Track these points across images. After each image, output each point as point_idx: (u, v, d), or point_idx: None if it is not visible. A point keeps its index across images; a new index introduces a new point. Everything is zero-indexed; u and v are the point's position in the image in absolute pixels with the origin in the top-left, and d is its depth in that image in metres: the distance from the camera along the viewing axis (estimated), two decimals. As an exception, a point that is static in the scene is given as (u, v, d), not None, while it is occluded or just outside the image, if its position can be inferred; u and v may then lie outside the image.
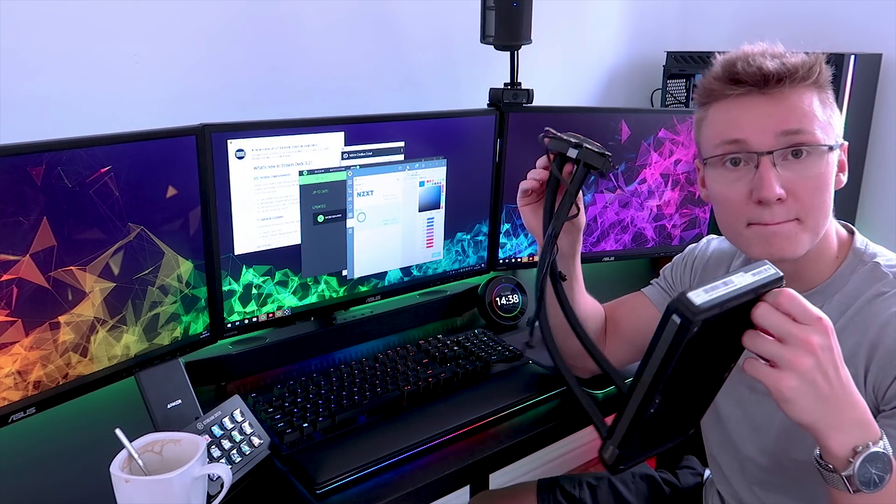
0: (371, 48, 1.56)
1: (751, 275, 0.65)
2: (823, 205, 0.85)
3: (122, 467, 0.78)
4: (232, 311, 1.18)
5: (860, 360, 0.84)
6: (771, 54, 0.85)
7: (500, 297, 1.45)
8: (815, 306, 0.67)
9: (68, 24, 1.19)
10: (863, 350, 0.84)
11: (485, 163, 1.43)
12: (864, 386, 0.84)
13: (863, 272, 0.88)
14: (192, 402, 1.04)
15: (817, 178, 0.84)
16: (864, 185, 1.89)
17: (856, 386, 0.83)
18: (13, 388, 0.89)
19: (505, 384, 1.16)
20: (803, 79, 0.83)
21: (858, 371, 0.84)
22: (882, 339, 0.82)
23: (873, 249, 0.90)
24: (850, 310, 0.86)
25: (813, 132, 0.83)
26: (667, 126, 1.53)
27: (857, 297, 0.86)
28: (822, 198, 0.85)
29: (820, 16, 1.85)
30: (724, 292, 0.63)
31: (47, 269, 0.89)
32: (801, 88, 0.84)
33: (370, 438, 1.00)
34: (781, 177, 0.83)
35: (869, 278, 0.87)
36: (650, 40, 2.10)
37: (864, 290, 0.87)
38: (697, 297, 0.62)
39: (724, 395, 1.02)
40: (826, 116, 0.85)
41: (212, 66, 1.35)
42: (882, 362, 0.82)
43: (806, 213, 0.84)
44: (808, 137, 0.83)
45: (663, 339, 0.64)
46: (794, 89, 0.83)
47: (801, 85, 0.84)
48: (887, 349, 0.82)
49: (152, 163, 0.99)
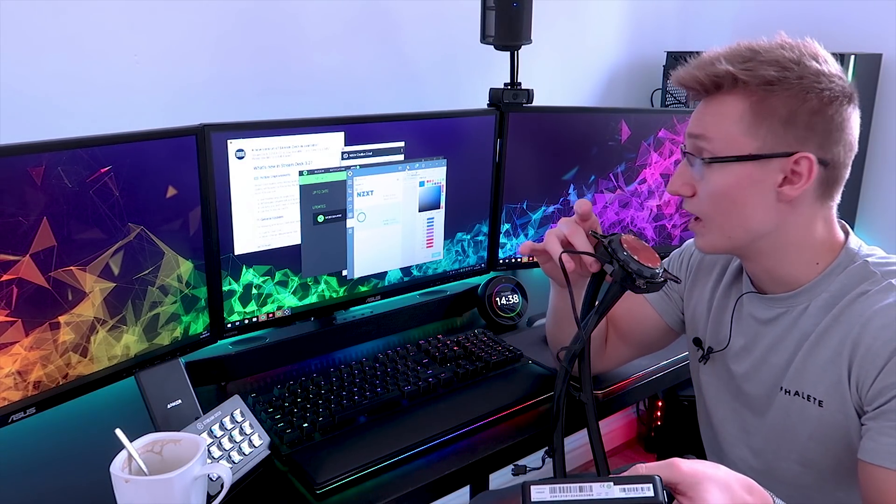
0: (371, 48, 1.56)
1: (620, 489, 0.61)
2: (728, 213, 0.87)
3: (122, 467, 0.78)
4: (232, 311, 1.18)
5: (843, 359, 0.83)
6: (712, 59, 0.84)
7: (499, 297, 1.45)
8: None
9: (68, 24, 1.19)
10: (846, 349, 0.83)
11: (485, 163, 1.44)
12: (848, 385, 0.83)
13: (851, 271, 0.87)
14: (192, 402, 1.04)
15: (713, 185, 0.86)
16: (864, 185, 1.89)
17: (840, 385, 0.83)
18: (13, 388, 0.89)
19: (505, 384, 1.16)
20: (732, 86, 0.83)
21: (842, 370, 0.83)
22: (863, 337, 0.82)
23: (867, 251, 0.89)
24: (835, 308, 0.86)
25: (715, 141, 0.85)
26: (667, 126, 1.53)
27: (843, 296, 0.86)
28: (722, 206, 0.87)
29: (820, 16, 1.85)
30: (572, 498, 0.60)
31: (47, 269, 0.89)
32: (733, 96, 0.83)
33: (370, 438, 1.00)
34: (692, 177, 0.89)
35: (856, 277, 0.86)
36: (650, 40, 2.10)
37: (850, 288, 0.86)
38: (539, 493, 0.60)
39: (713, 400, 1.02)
40: (744, 128, 0.83)
41: (212, 66, 1.35)
42: (864, 360, 0.81)
43: (705, 215, 0.89)
44: (706, 145, 0.86)
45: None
46: (727, 96, 0.84)
47: (735, 92, 0.83)
48: (869, 347, 0.81)
49: (152, 163, 0.99)
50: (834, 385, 0.84)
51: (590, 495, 0.60)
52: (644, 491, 0.60)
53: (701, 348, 1.03)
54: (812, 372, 0.87)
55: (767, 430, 0.94)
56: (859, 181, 1.88)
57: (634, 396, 1.26)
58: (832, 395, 0.85)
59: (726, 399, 1.00)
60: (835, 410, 0.85)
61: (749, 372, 0.96)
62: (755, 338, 0.95)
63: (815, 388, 0.87)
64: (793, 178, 0.83)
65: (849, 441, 0.85)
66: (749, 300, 0.96)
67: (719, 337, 1.00)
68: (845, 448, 0.85)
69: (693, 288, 1.06)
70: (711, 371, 1.02)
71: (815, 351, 0.87)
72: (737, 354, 0.98)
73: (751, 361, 0.95)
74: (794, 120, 0.81)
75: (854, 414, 0.84)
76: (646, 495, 0.60)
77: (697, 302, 1.05)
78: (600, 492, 0.60)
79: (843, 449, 0.86)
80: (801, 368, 0.88)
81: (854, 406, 0.83)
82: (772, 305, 0.92)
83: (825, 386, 0.86)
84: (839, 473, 0.88)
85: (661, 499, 0.60)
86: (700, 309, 1.04)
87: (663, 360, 1.26)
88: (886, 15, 1.77)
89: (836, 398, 0.84)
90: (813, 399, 0.87)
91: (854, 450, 0.83)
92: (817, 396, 0.86)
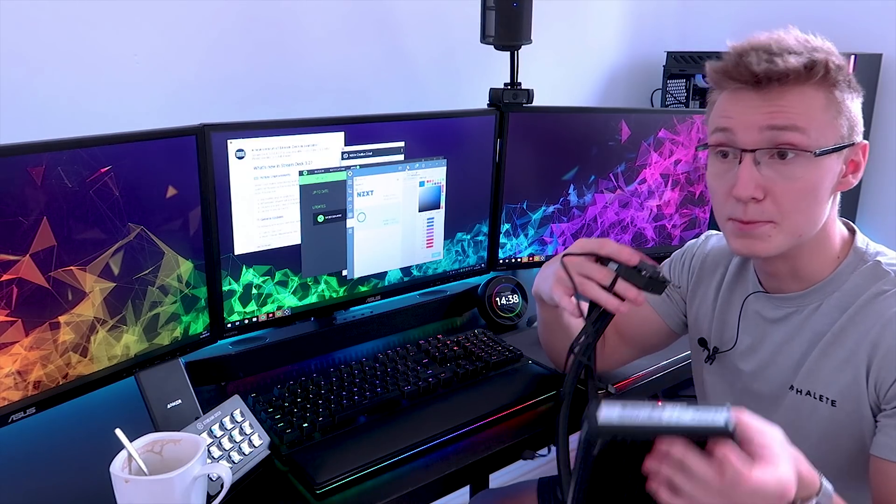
0: (371, 48, 1.56)
1: (692, 411, 0.60)
2: (807, 210, 0.83)
3: (122, 467, 0.78)
4: (232, 311, 1.18)
5: (861, 359, 0.84)
6: (769, 52, 0.81)
7: (499, 297, 1.45)
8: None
9: (68, 24, 1.19)
10: (863, 349, 0.84)
11: (485, 163, 1.43)
12: (865, 385, 0.83)
13: (864, 270, 0.87)
14: (192, 402, 1.04)
15: (801, 182, 0.81)
16: (865, 185, 1.89)
17: (856, 385, 0.83)
18: (13, 388, 0.89)
19: (505, 384, 1.16)
20: (799, 80, 0.80)
21: (860, 370, 0.84)
22: (884, 338, 0.82)
23: (875, 249, 0.90)
24: (851, 308, 0.86)
25: (802, 133, 0.80)
26: (667, 126, 1.53)
27: (858, 296, 0.86)
28: (804, 203, 0.82)
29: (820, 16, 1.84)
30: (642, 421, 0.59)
31: (47, 269, 0.89)
32: (802, 87, 0.81)
33: (370, 438, 1.00)
34: (763, 176, 0.82)
35: (870, 277, 0.86)
36: (650, 40, 2.10)
37: (865, 288, 0.86)
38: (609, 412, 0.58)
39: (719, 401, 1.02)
40: (830, 117, 0.81)
41: (212, 66, 1.35)
42: (884, 362, 0.82)
43: (782, 217, 0.83)
44: (795, 138, 0.80)
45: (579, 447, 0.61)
46: (793, 87, 0.80)
47: (802, 84, 0.81)
48: (889, 348, 0.81)
49: (152, 163, 0.99)
50: (849, 385, 0.84)
51: (661, 417, 0.59)
52: (716, 419, 0.59)
53: (706, 348, 1.03)
54: (826, 372, 0.87)
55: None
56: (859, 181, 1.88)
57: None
58: (846, 395, 0.85)
59: (732, 400, 1.00)
60: (850, 411, 0.85)
61: (756, 371, 0.95)
62: (762, 337, 0.95)
63: (828, 387, 0.87)
64: (854, 169, 0.85)
65: (861, 440, 0.85)
66: (756, 299, 0.96)
67: (725, 337, 1.00)
68: (857, 448, 0.85)
69: (697, 289, 1.06)
70: (717, 371, 1.02)
71: (830, 351, 0.86)
72: (743, 354, 0.97)
73: (757, 361, 0.95)
74: (850, 109, 0.83)
75: (869, 414, 0.84)
76: (717, 422, 0.59)
77: (701, 302, 1.05)
78: (672, 414, 0.59)
79: (855, 449, 0.86)
80: (813, 368, 0.88)
81: (871, 405, 0.83)
82: (780, 305, 0.92)
83: (839, 386, 0.85)
84: (850, 473, 0.87)
85: (731, 428, 0.59)
86: (704, 309, 1.04)
87: (663, 360, 1.26)
88: (886, 15, 1.77)
89: (851, 398, 0.84)
90: (825, 399, 0.87)
91: (866, 449, 0.83)
92: (830, 396, 0.86)
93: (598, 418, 0.58)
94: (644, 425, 0.59)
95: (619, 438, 0.59)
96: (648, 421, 0.59)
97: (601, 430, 0.58)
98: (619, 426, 0.58)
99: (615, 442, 0.59)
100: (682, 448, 0.61)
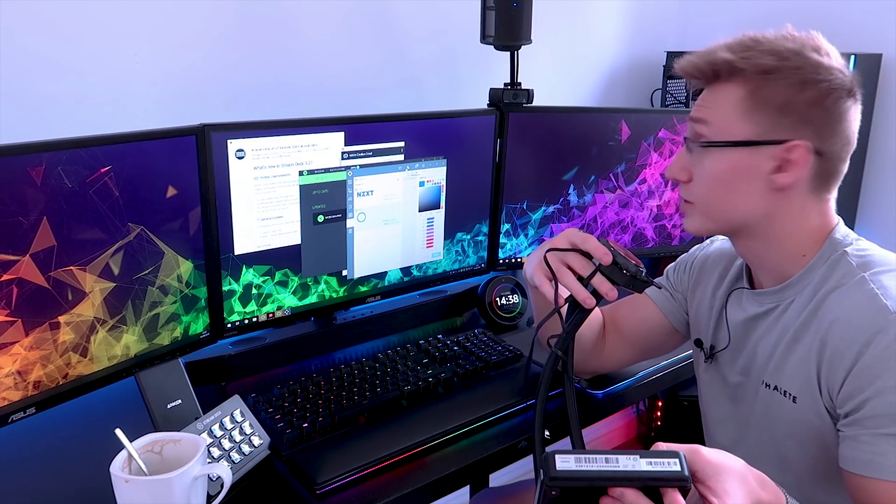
0: (371, 48, 1.56)
1: (646, 462, 0.61)
2: (724, 196, 0.87)
3: (122, 467, 0.78)
4: (232, 311, 1.18)
5: (813, 358, 0.83)
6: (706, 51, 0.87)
7: (500, 297, 1.45)
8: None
9: (68, 24, 1.19)
10: (815, 348, 0.82)
11: (485, 163, 1.43)
12: (818, 385, 0.82)
13: (830, 262, 0.86)
14: (192, 402, 1.04)
15: (708, 170, 0.87)
16: (865, 184, 1.89)
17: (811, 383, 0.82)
18: (13, 388, 0.89)
19: (505, 384, 1.16)
20: (719, 78, 0.85)
21: (812, 369, 0.83)
22: (830, 338, 0.81)
23: (851, 240, 0.87)
24: (812, 303, 0.85)
25: (706, 126, 0.86)
26: (667, 126, 1.53)
27: (819, 290, 0.85)
28: (715, 190, 0.87)
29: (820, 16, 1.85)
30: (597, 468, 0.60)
31: (47, 269, 0.89)
32: (725, 84, 0.85)
33: (370, 438, 1.00)
34: (689, 162, 0.90)
35: (833, 269, 0.85)
36: (650, 40, 2.10)
37: (826, 281, 0.85)
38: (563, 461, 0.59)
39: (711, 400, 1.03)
40: (741, 113, 0.83)
41: (212, 66, 1.35)
42: (832, 362, 0.80)
43: (697, 199, 0.90)
44: (702, 130, 0.87)
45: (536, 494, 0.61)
46: (719, 84, 0.86)
47: (725, 81, 0.85)
48: (835, 348, 0.80)
49: (152, 163, 0.99)
50: (806, 382, 0.84)
51: (616, 467, 0.60)
52: (670, 465, 0.60)
53: (702, 349, 1.03)
54: (789, 367, 0.87)
55: (754, 426, 0.94)
56: (859, 181, 1.88)
57: (634, 396, 1.26)
58: (805, 391, 0.84)
59: (722, 399, 1.00)
60: (807, 409, 0.84)
61: (743, 368, 0.96)
62: (746, 333, 0.95)
63: (791, 383, 0.86)
64: (785, 167, 0.83)
65: (823, 441, 0.84)
66: (745, 296, 0.96)
67: (720, 335, 1.00)
68: (821, 448, 0.84)
69: (696, 289, 1.06)
70: (713, 370, 1.02)
71: (793, 346, 0.86)
72: (733, 351, 0.98)
73: (743, 358, 0.96)
74: (790, 109, 0.82)
75: (826, 413, 0.83)
76: (672, 469, 0.60)
77: (700, 302, 1.05)
78: (626, 464, 0.60)
79: (818, 449, 0.85)
80: (780, 363, 0.88)
81: (826, 406, 0.82)
82: (763, 301, 0.92)
83: (799, 382, 0.85)
84: (816, 475, 0.87)
85: (687, 474, 0.60)
86: (702, 309, 1.04)
87: (663, 360, 1.26)
88: (886, 15, 1.77)
89: (808, 396, 0.84)
90: (788, 394, 0.87)
91: (829, 451, 0.82)
92: (792, 392, 0.86)
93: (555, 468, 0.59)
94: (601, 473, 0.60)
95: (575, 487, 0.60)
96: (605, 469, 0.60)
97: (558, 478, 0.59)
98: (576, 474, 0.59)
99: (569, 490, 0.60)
100: (634, 495, 0.62)
